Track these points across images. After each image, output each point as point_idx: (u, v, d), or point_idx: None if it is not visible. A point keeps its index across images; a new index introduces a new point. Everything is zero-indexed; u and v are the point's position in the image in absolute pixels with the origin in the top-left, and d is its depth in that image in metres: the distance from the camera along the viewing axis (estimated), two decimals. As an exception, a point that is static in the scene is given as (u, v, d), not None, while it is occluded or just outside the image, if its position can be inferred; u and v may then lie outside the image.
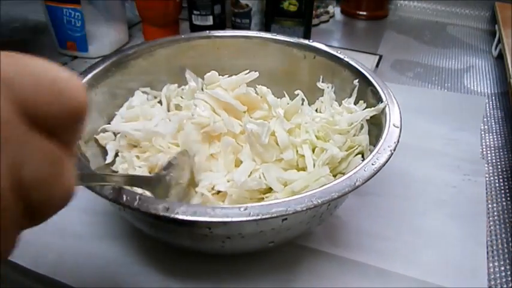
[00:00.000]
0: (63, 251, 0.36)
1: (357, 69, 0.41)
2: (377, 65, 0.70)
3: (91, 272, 0.34)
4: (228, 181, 0.35)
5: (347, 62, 0.43)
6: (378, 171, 0.29)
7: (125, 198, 0.26)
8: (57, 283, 0.33)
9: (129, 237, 0.37)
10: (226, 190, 0.34)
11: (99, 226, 0.38)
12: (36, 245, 0.36)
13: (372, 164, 0.29)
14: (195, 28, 0.73)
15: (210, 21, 0.72)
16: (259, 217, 0.25)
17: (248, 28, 0.76)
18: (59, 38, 0.68)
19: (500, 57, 0.70)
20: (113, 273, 0.34)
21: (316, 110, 0.44)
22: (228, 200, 0.34)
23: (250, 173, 0.35)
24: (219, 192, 0.35)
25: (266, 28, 0.73)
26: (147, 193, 0.30)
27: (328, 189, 0.27)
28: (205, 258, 0.35)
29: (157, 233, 0.32)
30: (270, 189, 0.34)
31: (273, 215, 0.25)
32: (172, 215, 0.25)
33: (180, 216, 0.25)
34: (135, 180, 0.30)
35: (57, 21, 0.66)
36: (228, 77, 0.41)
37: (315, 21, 0.84)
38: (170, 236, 0.32)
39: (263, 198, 0.34)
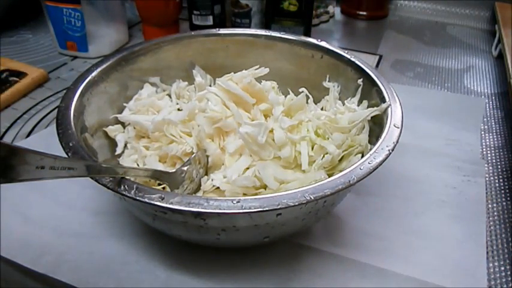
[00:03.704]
0: (63, 250, 0.36)
1: (362, 69, 0.42)
2: (377, 65, 0.70)
3: (92, 271, 0.34)
4: (224, 177, 0.35)
5: (354, 62, 0.43)
6: (373, 170, 0.29)
7: (122, 188, 0.27)
8: (58, 282, 0.33)
9: (131, 236, 0.37)
10: (220, 186, 0.35)
11: (100, 225, 0.38)
12: (36, 245, 0.36)
13: (369, 163, 0.29)
14: (195, 28, 0.73)
15: (210, 21, 0.72)
16: (251, 210, 0.26)
17: (248, 28, 0.76)
18: (59, 38, 0.68)
19: (500, 57, 0.70)
20: (114, 272, 0.34)
21: (322, 109, 0.45)
22: (224, 195, 0.34)
23: (247, 168, 0.35)
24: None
25: (266, 28, 0.73)
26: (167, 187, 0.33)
27: (321, 186, 0.27)
28: (206, 257, 0.36)
29: (156, 223, 0.33)
30: (265, 186, 0.35)
31: (264, 209, 0.26)
32: (166, 205, 0.26)
33: (174, 206, 0.26)
34: (157, 174, 0.33)
35: (57, 21, 0.66)
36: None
37: (315, 21, 0.84)
38: (168, 226, 0.32)
39: (257, 195, 0.34)
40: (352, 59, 0.43)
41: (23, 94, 0.58)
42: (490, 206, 0.43)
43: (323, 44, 0.46)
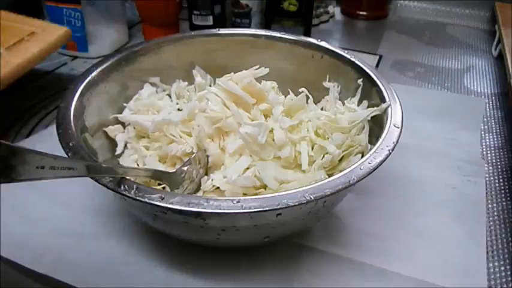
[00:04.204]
0: (63, 250, 0.36)
1: (362, 69, 0.42)
2: (377, 65, 0.70)
3: (92, 271, 0.34)
4: (224, 177, 0.35)
5: (354, 62, 0.43)
6: (373, 170, 0.29)
7: (122, 188, 0.27)
8: (58, 282, 0.33)
9: (131, 236, 0.37)
10: (220, 186, 0.35)
11: (100, 225, 0.38)
12: (36, 245, 0.36)
13: (369, 163, 0.29)
14: (195, 28, 0.73)
15: (210, 21, 0.72)
16: (251, 210, 0.26)
17: (248, 28, 0.76)
18: (59, 38, 0.68)
19: (500, 57, 0.70)
20: (114, 272, 0.34)
21: (322, 109, 0.45)
22: (224, 195, 0.34)
23: (247, 168, 0.35)
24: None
25: (266, 28, 0.73)
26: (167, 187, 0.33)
27: (321, 186, 0.27)
28: (206, 257, 0.36)
29: (156, 223, 0.33)
30: (265, 186, 0.35)
31: (264, 209, 0.26)
32: (166, 205, 0.26)
33: (174, 206, 0.26)
34: (157, 174, 0.33)
35: (57, 21, 0.65)
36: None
37: (315, 21, 0.84)
38: (168, 226, 0.32)
39: (257, 195, 0.34)
40: (352, 59, 0.43)
41: (49, 52, 0.55)
42: (490, 206, 0.43)
43: (323, 44, 0.46)
